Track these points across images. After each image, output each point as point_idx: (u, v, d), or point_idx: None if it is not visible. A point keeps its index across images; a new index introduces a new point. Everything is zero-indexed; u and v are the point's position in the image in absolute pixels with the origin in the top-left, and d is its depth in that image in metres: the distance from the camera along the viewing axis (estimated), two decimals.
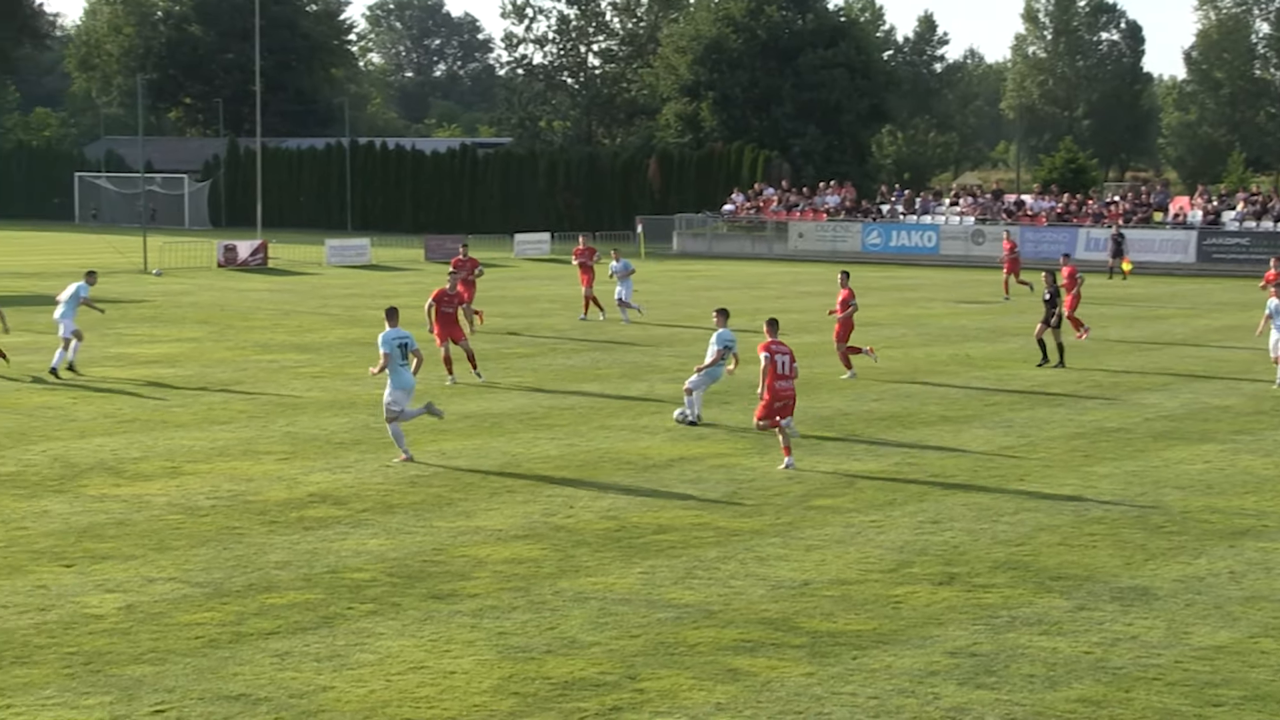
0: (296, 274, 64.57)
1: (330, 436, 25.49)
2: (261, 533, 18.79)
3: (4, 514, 19.50)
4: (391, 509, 20.19)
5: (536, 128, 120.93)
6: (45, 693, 13.07)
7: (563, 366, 35.02)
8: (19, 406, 28.07)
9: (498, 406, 28.97)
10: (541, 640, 14.68)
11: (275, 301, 50.78)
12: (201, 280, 60.14)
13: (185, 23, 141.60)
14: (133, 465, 22.81)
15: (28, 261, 67.82)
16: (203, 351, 36.94)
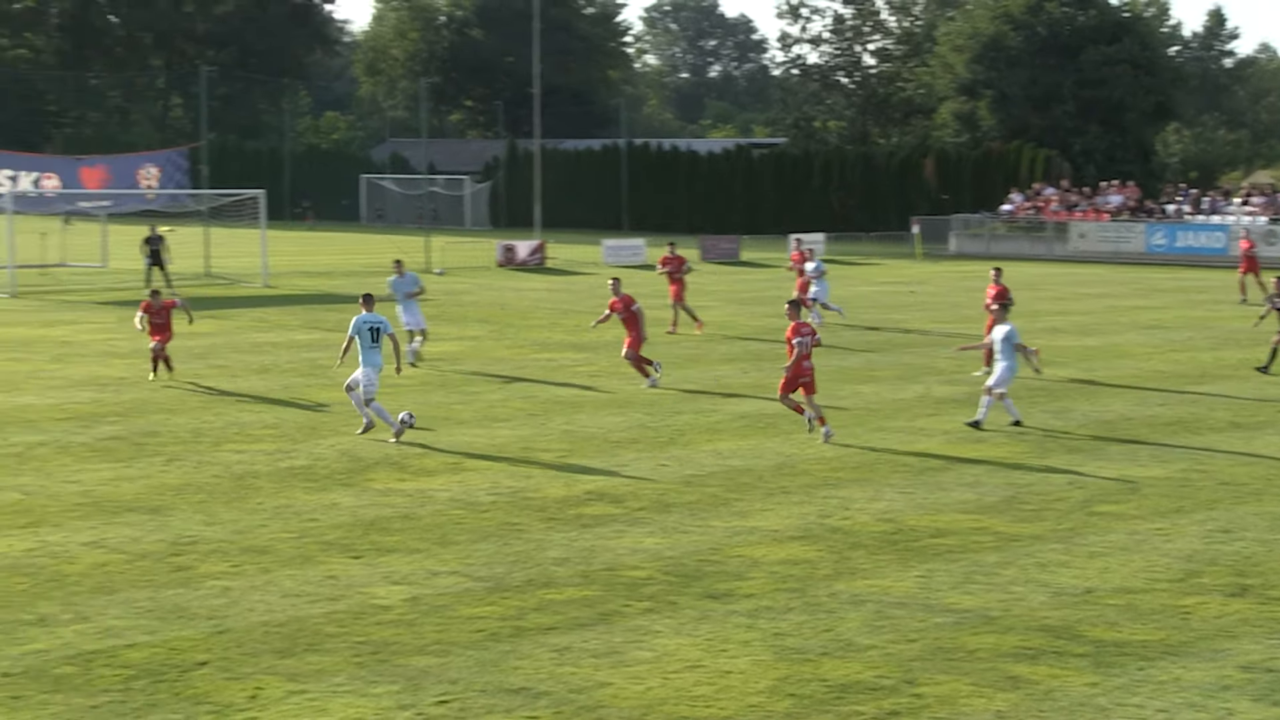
0: (574, 274, 65.38)
1: (607, 435, 25.74)
2: (540, 529, 19.06)
3: (296, 506, 20.10)
4: (668, 508, 20.30)
5: (811, 128, 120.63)
6: (336, 680, 13.43)
7: (837, 368, 34.82)
8: (310, 401, 28.91)
9: (772, 407, 28.91)
10: (817, 642, 14.61)
11: (553, 300, 51.50)
12: (481, 279, 61.27)
13: (467, 27, 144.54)
14: (416, 461, 23.32)
15: (316, 261, 69.84)
16: (483, 350, 37.61)
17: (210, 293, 53.38)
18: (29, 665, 13.68)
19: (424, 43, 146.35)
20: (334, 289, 53.20)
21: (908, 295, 54.85)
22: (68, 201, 57.85)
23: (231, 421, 26.45)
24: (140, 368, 33.03)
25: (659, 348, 35.43)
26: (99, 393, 29.26)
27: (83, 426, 25.74)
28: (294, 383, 31.32)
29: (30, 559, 17.23)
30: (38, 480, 21.41)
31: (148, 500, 20.28)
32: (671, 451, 24.24)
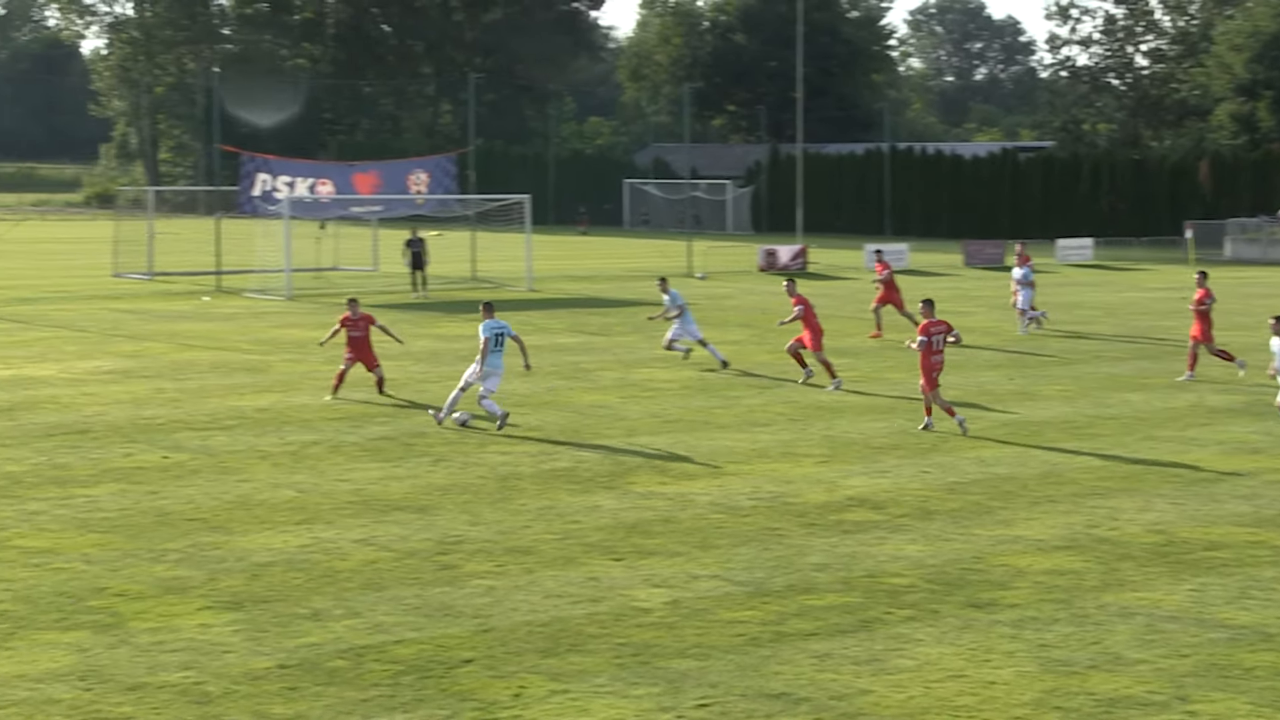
0: (836, 278, 65.12)
1: (868, 440, 25.58)
2: (801, 534, 19.01)
3: (559, 507, 20.35)
4: (930, 515, 20.09)
5: (1080, 131, 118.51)
6: (598, 680, 13.56)
7: (1106, 375, 34.13)
8: (573, 404, 29.26)
9: (1038, 414, 28.46)
10: (1085, 654, 14.32)
11: (819, 306, 51.23)
12: (743, 284, 61.37)
13: (730, 32, 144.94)
14: (678, 464, 23.44)
15: (580, 265, 70.66)
16: (744, 354, 37.66)
17: (475, 296, 54.32)
18: (304, 658, 14.07)
19: (687, 48, 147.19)
20: (598, 293, 53.78)
21: (1178, 301, 53.46)
22: (341, 207, 59.40)
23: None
24: (410, 370, 33.79)
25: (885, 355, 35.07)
26: (370, 393, 29.96)
27: (354, 426, 26.41)
28: (557, 385, 31.72)
29: (305, 555, 17.74)
30: (311, 478, 22.02)
31: (415, 499, 20.72)
32: (934, 458, 24.00)
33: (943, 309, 32.33)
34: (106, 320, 43.98)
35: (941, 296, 53.17)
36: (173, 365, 34.12)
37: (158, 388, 30.67)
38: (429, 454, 23.95)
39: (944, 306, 46.09)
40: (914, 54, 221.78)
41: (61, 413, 27.39)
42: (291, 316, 45.56)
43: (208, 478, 21.95)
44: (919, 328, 26.67)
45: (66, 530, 18.76)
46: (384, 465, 23.02)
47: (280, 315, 46.04)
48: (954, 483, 22.17)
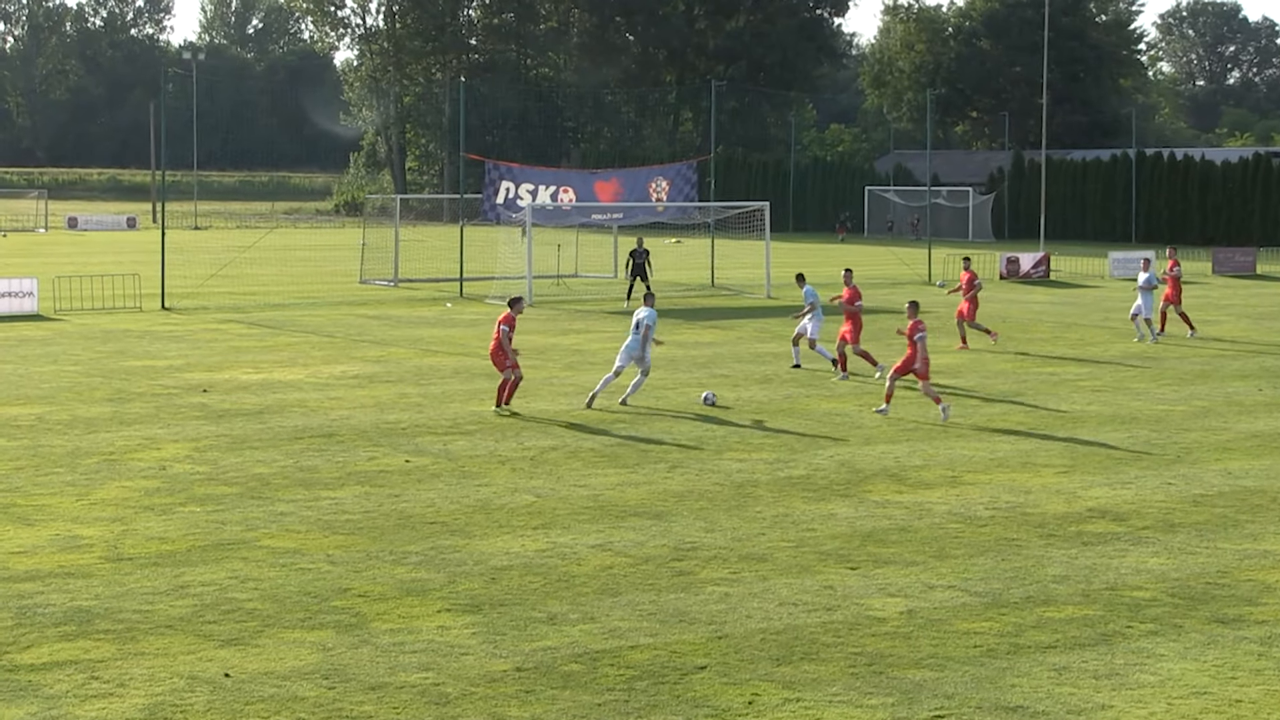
0: (1079, 286, 63.95)
1: (1110, 451, 25.09)
2: (1039, 545, 18.71)
3: (795, 515, 20.31)
4: (1173, 527, 19.63)
5: None
6: (832, 689, 13.50)
7: None
8: (809, 412, 29.17)
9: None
10: None
11: (1056, 314, 50.54)
12: (984, 292, 60.59)
13: (975, 38, 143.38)
14: (914, 473, 23.24)
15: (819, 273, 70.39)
16: (983, 363, 37.19)
17: (715, 303, 54.52)
18: (540, 661, 14.24)
19: (930, 54, 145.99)
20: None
21: None
22: (583, 214, 60.01)
23: (732, 430, 26.93)
24: (649, 378, 34.03)
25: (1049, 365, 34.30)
26: (607, 400, 30.21)
27: (591, 432, 26.65)
28: (795, 393, 31.66)
29: (542, 559, 17.95)
30: (549, 483, 22.28)
31: (651, 505, 20.84)
32: (1178, 469, 23.46)
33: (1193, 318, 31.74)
34: (353, 326, 45.05)
35: (1190, 304, 52.05)
36: (416, 370, 34.79)
37: (401, 392, 31.30)
38: (665, 460, 24.08)
39: (1193, 316, 45.27)
40: (1164, 58, 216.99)
41: (308, 416, 28.11)
42: (532, 323, 46.17)
43: (448, 482, 22.34)
44: (909, 326, 28.44)
45: (312, 531, 19.24)
46: (620, 471, 23.19)
47: (521, 321, 46.65)
48: (1199, 495, 21.64)
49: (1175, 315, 43.38)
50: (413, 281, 61.65)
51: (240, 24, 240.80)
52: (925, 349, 28.47)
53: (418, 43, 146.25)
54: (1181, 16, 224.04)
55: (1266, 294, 60.28)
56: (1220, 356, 38.02)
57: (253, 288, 58.56)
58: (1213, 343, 40.77)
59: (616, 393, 29.90)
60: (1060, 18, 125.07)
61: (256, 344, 40.05)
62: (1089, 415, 28.91)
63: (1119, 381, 33.47)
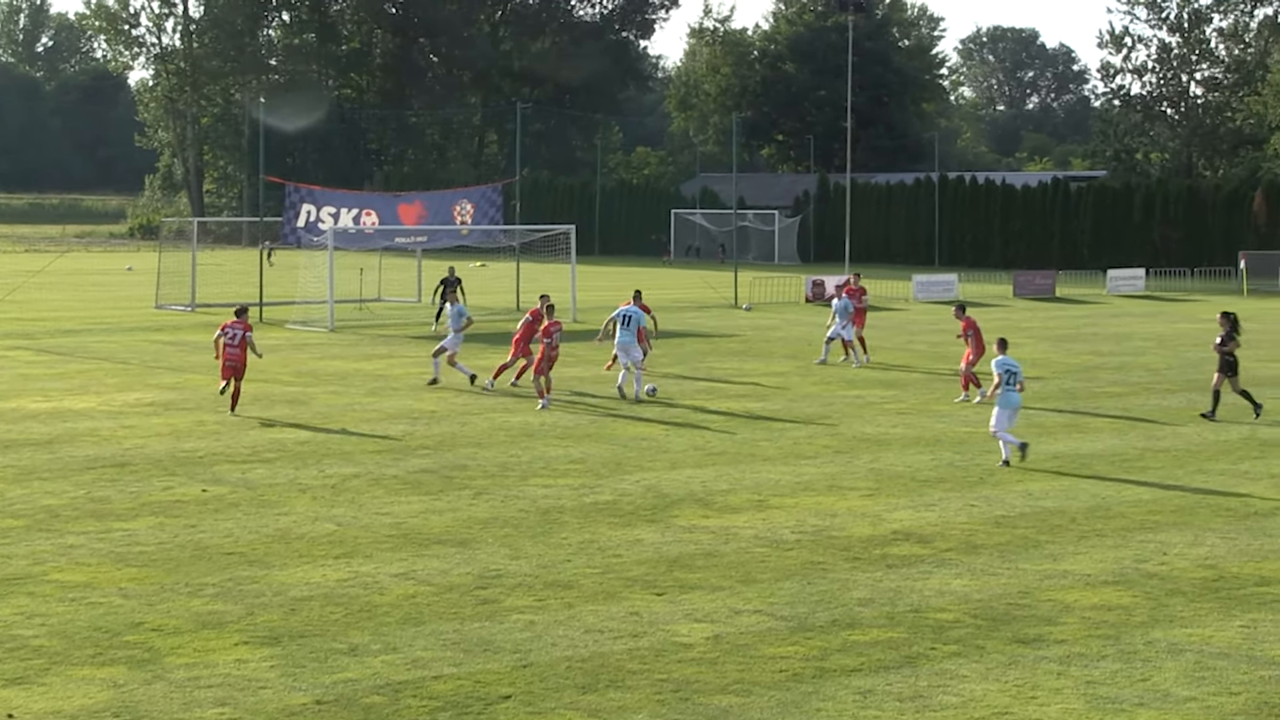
0: (883, 309, 64.96)
1: (915, 473, 25.49)
2: (845, 569, 18.94)
3: (601, 541, 20.33)
4: (976, 549, 20.00)
5: (1133, 160, 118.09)
6: (638, 717, 13.51)
7: (1156, 407, 33.96)
8: (615, 437, 29.25)
9: (1087, 447, 28.33)
10: (1133, 691, 14.21)
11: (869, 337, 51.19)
12: (789, 314, 61.33)
13: (780, 61, 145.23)
14: (721, 497, 23.41)
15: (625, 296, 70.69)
16: (789, 385, 37.61)
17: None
18: (340, 694, 14.08)
19: (736, 77, 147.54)
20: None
21: None
22: (386, 237, 59.63)
23: (538, 456, 26.91)
24: (453, 402, 33.88)
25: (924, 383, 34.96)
26: (410, 426, 30.05)
27: (395, 459, 26.46)
28: (600, 418, 31.72)
29: (343, 589, 17.76)
30: (351, 512, 22.07)
31: (455, 533, 20.74)
32: (981, 491, 23.91)
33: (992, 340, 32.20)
34: (148, 352, 44.25)
35: (991, 327, 53.04)
36: (214, 397, 34.27)
37: (198, 420, 30.82)
38: (470, 487, 23.98)
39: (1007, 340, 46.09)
40: (965, 83, 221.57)
41: (101, 446, 27.54)
42: (334, 349, 45.74)
43: (247, 511, 22.03)
44: (544, 327, 32.73)
45: (104, 564, 18.84)
46: (424, 498, 23.05)
47: (322, 347, 46.22)
48: (1000, 516, 22.07)
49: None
50: (211, 307, 60.74)
51: (29, 41, 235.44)
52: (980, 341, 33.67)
53: (216, 63, 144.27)
54: (982, 42, 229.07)
55: (1066, 316, 61.75)
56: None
57: (42, 313, 57.27)
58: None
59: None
60: (864, 42, 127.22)
61: (46, 371, 39.15)
62: (893, 438, 29.36)
63: (923, 404, 34.04)
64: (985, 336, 34.31)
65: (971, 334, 34.92)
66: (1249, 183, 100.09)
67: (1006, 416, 26.37)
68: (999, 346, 27.87)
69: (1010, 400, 26.47)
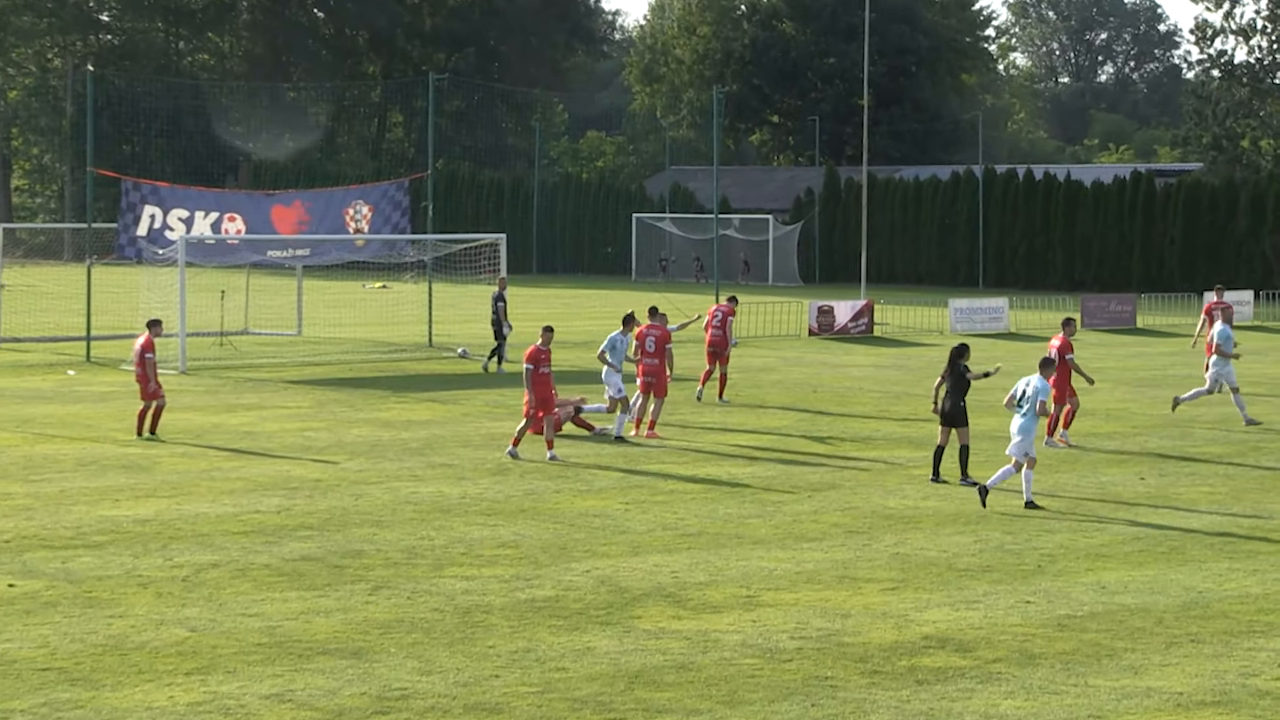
0: (911, 344, 65.17)
1: (952, 560, 25.55)
2: (861, 685, 18.96)
3: (539, 650, 20.30)
4: (1033, 659, 20.04)
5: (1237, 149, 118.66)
6: None
7: (1270, 472, 34.13)
8: (559, 513, 29.24)
9: (1178, 524, 28.44)
10: None
11: (882, 380, 51.41)
12: (788, 351, 61.45)
13: (776, 19, 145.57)
14: (698, 592, 23.40)
15: (573, 327, 70.81)
16: (788, 444, 37.64)
17: (432, 368, 54.46)
18: None
19: (718, 40, 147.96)
20: (595, 364, 53.85)
21: None
22: (255, 251, 59.53)
23: (457, 538, 26.89)
24: (345, 468, 33.84)
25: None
26: (288, 499, 29.97)
27: (266, 543, 26.40)
28: (541, 487, 31.73)
29: (198, 715, 17.70)
30: (208, 613, 22.00)
31: (347, 640, 20.69)
32: (1039, 584, 23.97)
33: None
34: None
35: None
36: (25, 462, 34.14)
37: (3, 492, 30.71)
38: (366, 579, 23.94)
39: (1049, 360, 46.27)
40: (1019, 48, 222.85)
41: None
42: (186, 396, 45.69)
43: (68, 612, 21.94)
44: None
45: None
46: (306, 594, 23.00)
47: (171, 395, 46.07)
48: (1065, 616, 22.13)
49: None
50: (20, 341, 60.57)
51: None
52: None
53: (28, 18, 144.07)
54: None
55: (1150, 353, 62.03)
56: (1094, 435, 38.96)
57: None
58: (1084, 418, 41.76)
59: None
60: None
61: None
62: (924, 513, 29.41)
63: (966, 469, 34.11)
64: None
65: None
66: None
67: (1014, 444, 29.93)
68: (1040, 366, 30.87)
69: (1016, 422, 30.26)
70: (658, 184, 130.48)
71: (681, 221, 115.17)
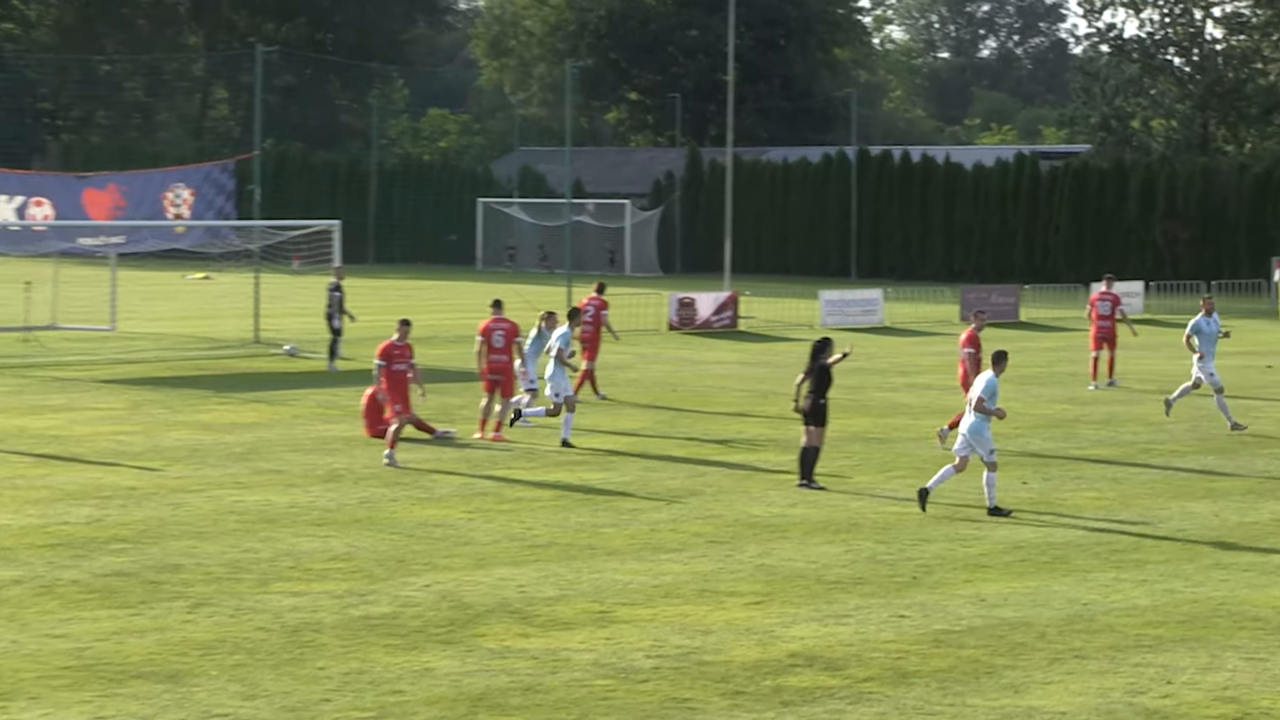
0: (779, 339, 65.37)
1: (822, 572, 25.64)
2: (722, 707, 19.01)
3: (373, 672, 20.24)
4: (907, 678, 20.15)
5: (1128, 130, 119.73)
6: None
7: (1158, 476, 34.50)
8: (396, 522, 29.15)
9: (1062, 534, 28.68)
10: None
11: (747, 378, 51.53)
12: (646, 347, 61.50)
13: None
14: (547, 608, 23.38)
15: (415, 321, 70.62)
16: (645, 447, 37.69)
17: (259, 367, 54.15)
18: None
19: (571, 10, 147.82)
20: (436, 362, 53.69)
21: (1264, 372, 54.20)
22: (64, 238, 58.98)
23: (285, 550, 26.77)
24: (164, 475, 33.61)
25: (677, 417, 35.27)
26: (100, 509, 29.74)
27: (75, 557, 26.18)
28: (376, 495, 31.64)
29: None
30: (9, 634, 21.78)
31: (164, 663, 20.55)
32: (914, 597, 24.10)
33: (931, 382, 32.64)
34: None
35: (925, 365, 53.63)
36: None
37: None
38: (184, 595, 23.79)
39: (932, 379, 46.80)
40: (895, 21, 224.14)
41: None
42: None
43: None
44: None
45: None
46: (118, 613, 22.82)
47: None
48: (941, 632, 22.25)
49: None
50: None
51: None
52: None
53: None
54: None
55: (1033, 348, 62.40)
56: None
57: None
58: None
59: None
60: None
61: None
62: (792, 521, 29.50)
63: (834, 471, 34.25)
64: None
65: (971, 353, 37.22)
66: None
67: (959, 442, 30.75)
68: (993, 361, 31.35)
69: (965, 422, 30.75)
70: (506, 166, 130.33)
71: (531, 207, 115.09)
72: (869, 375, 51.05)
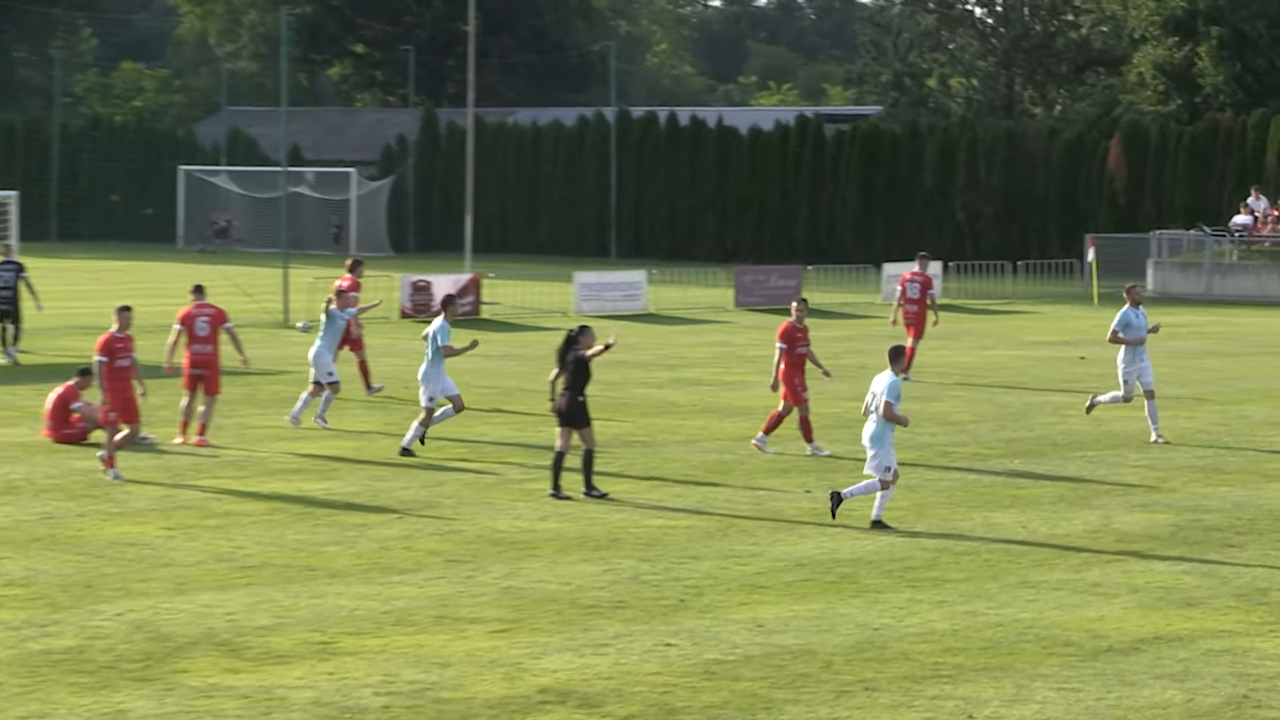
0: (528, 329, 65.45)
1: (577, 595, 25.68)
2: None
3: (56, 715, 20.05)
4: (674, 715, 20.22)
5: (924, 89, 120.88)
6: None
7: (958, 482, 34.85)
8: (84, 542, 28.87)
9: (849, 548, 28.89)
10: None
11: (492, 373, 51.49)
12: (374, 337, 61.21)
13: None
14: (260, 638, 23.27)
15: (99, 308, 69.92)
16: (374, 453, 37.61)
17: None
18: None
19: None
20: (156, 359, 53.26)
21: (1077, 364, 54.89)
22: None
23: None
24: None
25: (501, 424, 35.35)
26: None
27: None
28: (59, 510, 31.34)
29: None
30: None
31: None
32: (682, 622, 24.18)
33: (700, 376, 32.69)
34: None
35: (699, 356, 53.85)
36: None
37: None
38: None
39: (703, 373, 47.02)
40: None
41: None
42: None
43: None
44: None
45: None
46: None
47: None
48: (713, 662, 22.34)
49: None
50: None
51: None
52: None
53: None
54: None
55: (818, 338, 62.32)
56: (743, 442, 39.32)
57: None
58: (740, 418, 42.24)
59: None
60: None
61: None
62: (542, 537, 29.53)
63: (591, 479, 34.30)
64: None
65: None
66: (1100, 126, 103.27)
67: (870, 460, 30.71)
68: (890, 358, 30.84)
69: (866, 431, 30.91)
70: (212, 129, 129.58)
71: (241, 176, 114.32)
72: (631, 369, 51.15)
